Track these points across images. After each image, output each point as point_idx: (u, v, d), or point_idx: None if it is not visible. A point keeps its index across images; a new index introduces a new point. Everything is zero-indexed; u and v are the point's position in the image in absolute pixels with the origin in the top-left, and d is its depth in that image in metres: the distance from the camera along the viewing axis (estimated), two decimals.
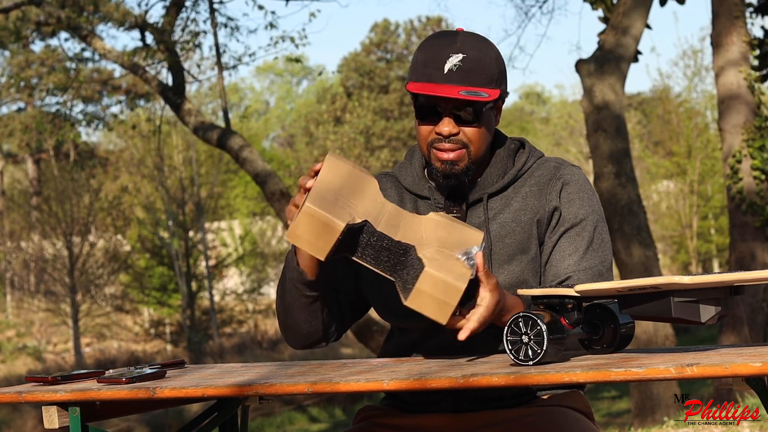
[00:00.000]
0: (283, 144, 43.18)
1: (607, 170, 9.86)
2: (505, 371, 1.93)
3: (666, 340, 9.74)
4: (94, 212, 26.04)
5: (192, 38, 12.73)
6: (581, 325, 2.12)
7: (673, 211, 26.86)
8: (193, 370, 2.47)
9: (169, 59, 12.14)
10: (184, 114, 12.17)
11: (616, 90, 10.02)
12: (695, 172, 25.36)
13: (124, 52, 12.90)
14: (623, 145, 10.01)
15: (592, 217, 2.41)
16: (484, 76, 2.35)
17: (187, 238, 26.61)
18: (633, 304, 2.03)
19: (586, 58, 10.13)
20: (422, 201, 2.48)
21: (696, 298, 1.97)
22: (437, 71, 2.34)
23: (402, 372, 2.06)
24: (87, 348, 27.24)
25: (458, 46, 2.35)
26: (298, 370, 2.26)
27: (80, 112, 18.79)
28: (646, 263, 9.73)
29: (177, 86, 12.26)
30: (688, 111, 27.41)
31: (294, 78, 49.94)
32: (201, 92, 29.56)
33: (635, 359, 1.96)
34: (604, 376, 1.86)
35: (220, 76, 12.73)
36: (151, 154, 26.11)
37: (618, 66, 10.04)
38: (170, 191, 26.39)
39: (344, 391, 2.02)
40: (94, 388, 2.18)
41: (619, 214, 9.75)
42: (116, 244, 27.37)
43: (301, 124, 38.01)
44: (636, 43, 10.21)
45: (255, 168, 11.48)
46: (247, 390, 2.08)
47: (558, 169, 2.44)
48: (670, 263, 28.36)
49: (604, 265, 2.39)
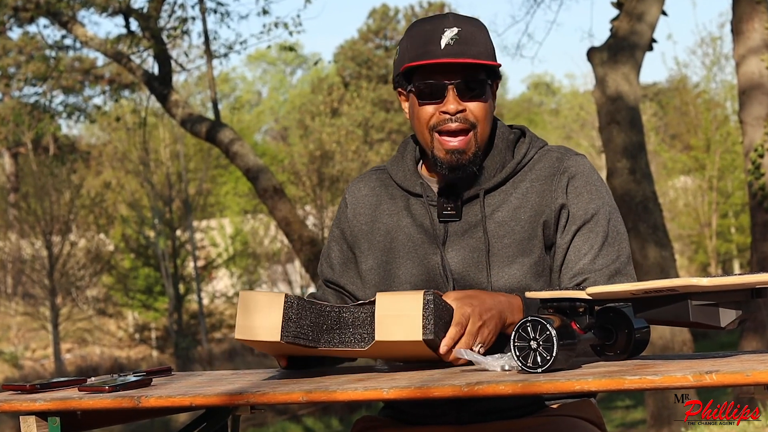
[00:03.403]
0: (276, 137, 43.18)
1: (621, 165, 9.86)
2: (512, 379, 1.93)
3: (683, 345, 9.74)
4: (76, 210, 26.04)
5: (179, 25, 12.73)
6: (593, 329, 2.12)
7: (691, 209, 26.86)
8: (180, 378, 2.46)
9: (155, 47, 12.14)
10: (171, 105, 12.18)
11: (631, 80, 10.02)
12: (714, 167, 25.35)
13: (107, 39, 12.89)
14: (638, 138, 10.01)
15: (604, 210, 2.41)
16: (481, 48, 2.36)
17: (175, 238, 26.62)
18: (648, 308, 2.03)
19: (598, 46, 10.13)
20: (414, 198, 2.48)
21: (715, 301, 1.97)
22: (434, 47, 2.36)
23: (403, 380, 2.06)
24: (67, 354, 27.24)
25: (451, 20, 2.38)
26: (293, 378, 2.26)
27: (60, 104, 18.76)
28: (662, 264, 9.73)
29: (163, 76, 12.26)
30: (706, 102, 27.39)
31: (288, 67, 49.93)
32: (189, 82, 29.56)
33: (651, 366, 1.95)
34: (618, 384, 1.86)
35: (210, 65, 12.73)
36: (136, 148, 26.12)
37: (632, 54, 10.04)
38: (156, 187, 26.39)
39: (341, 400, 2.02)
40: (75, 397, 2.18)
41: (634, 212, 9.75)
42: (99, 243, 27.38)
43: (296, 117, 37.99)
44: (651, 30, 10.21)
45: (246, 163, 11.48)
46: (238, 399, 2.08)
47: (561, 161, 2.43)
48: (688, 264, 28.36)
49: (621, 259, 2.39)
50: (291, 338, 2.17)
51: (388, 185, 2.54)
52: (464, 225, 2.42)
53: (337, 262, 2.58)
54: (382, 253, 2.49)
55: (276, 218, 11.71)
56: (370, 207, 2.54)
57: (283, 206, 11.44)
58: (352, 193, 2.59)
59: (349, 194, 2.59)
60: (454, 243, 2.41)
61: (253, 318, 2.19)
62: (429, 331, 2.13)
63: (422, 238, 2.44)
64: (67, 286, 26.09)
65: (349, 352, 2.22)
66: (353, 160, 27.66)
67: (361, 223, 2.54)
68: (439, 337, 2.16)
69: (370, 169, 2.63)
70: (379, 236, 2.50)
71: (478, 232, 2.40)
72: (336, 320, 2.22)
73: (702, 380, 1.80)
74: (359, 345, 2.20)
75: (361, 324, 2.20)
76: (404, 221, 2.47)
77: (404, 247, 2.45)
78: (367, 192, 2.56)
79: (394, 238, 2.47)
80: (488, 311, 2.22)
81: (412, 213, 2.47)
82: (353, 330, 2.21)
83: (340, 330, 2.21)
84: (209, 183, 28.77)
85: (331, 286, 2.59)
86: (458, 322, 2.18)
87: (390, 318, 2.14)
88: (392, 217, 2.50)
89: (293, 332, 2.18)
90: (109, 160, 28.60)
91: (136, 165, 26.65)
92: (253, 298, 2.21)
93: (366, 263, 2.51)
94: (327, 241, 2.63)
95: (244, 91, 46.14)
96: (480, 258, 2.38)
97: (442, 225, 2.43)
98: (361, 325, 2.20)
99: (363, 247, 2.52)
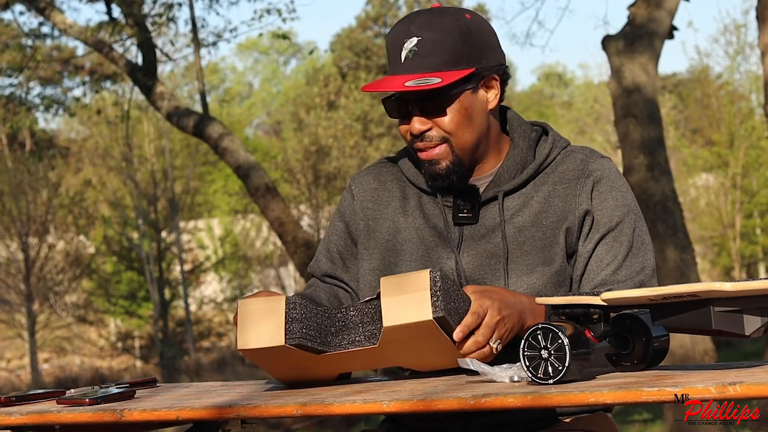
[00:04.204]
0: (268, 132, 43.20)
1: (638, 162, 9.86)
2: (521, 391, 1.93)
3: (705, 355, 9.74)
4: (54, 209, 26.04)
5: (165, 11, 12.73)
6: (608, 338, 2.11)
7: (713, 209, 26.87)
8: (166, 390, 2.47)
9: (138, 35, 12.14)
10: (156, 98, 12.18)
11: (648, 70, 10.02)
12: (738, 163, 25.36)
13: (88, 27, 12.89)
14: (656, 133, 10.01)
15: (629, 218, 2.41)
16: (443, 58, 2.33)
17: (160, 239, 26.63)
18: (667, 315, 2.03)
19: (614, 34, 10.14)
20: (427, 197, 2.48)
21: (739, 307, 1.97)
22: (396, 61, 2.36)
23: (404, 392, 2.06)
24: (45, 365, 27.24)
25: (413, 29, 2.35)
26: (286, 390, 2.26)
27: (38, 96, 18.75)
28: (682, 268, 9.73)
29: (148, 66, 12.26)
30: (729, 94, 27.40)
31: (281, 57, 49.95)
32: (175, 73, 29.57)
33: (670, 377, 1.96)
34: (635, 396, 1.86)
35: (197, 55, 12.73)
36: (119, 144, 26.13)
37: (650, 43, 10.05)
38: (140, 186, 26.41)
39: (338, 414, 2.02)
40: (54, 410, 2.18)
41: (652, 212, 9.76)
42: (78, 245, 27.38)
43: (289, 110, 37.99)
44: (671, 16, 10.21)
45: (236, 159, 11.48)
46: (228, 412, 2.08)
47: (586, 163, 2.42)
48: (710, 268, 28.37)
49: (646, 272, 2.39)
50: (297, 340, 2.16)
51: (399, 180, 2.53)
52: (481, 229, 2.41)
53: (339, 256, 2.56)
54: (387, 253, 2.48)
55: (268, 219, 11.71)
56: (378, 201, 2.53)
57: (276, 206, 11.45)
58: (359, 184, 2.57)
59: (356, 185, 2.57)
60: (470, 248, 2.40)
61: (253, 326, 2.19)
62: (439, 308, 2.11)
63: (435, 241, 2.43)
64: (44, 291, 26.09)
65: (359, 354, 2.19)
66: (351, 156, 27.65)
67: (367, 217, 2.52)
68: (452, 319, 2.14)
69: (379, 160, 2.61)
70: (386, 235, 2.49)
71: (495, 237, 2.39)
72: (343, 321, 2.21)
73: (725, 392, 1.80)
74: (370, 342, 2.18)
75: (370, 320, 2.19)
76: (416, 221, 2.46)
77: (415, 250, 2.44)
78: (377, 185, 2.55)
79: (403, 239, 2.46)
80: (508, 308, 2.21)
81: (425, 213, 2.46)
82: (362, 328, 2.20)
83: (348, 331, 2.21)
84: (197, 181, 28.78)
85: (330, 281, 2.57)
86: (475, 311, 2.17)
87: (396, 300, 2.12)
88: (403, 216, 2.49)
89: (299, 334, 2.17)
90: (89, 157, 28.60)
91: (118, 161, 26.66)
92: (251, 305, 2.21)
93: (368, 263, 2.49)
94: (326, 236, 2.61)
95: (234, 82, 46.18)
96: (497, 265, 2.37)
97: (456, 228, 2.43)
98: (370, 321, 2.19)
99: (366, 244, 2.51)
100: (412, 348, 2.20)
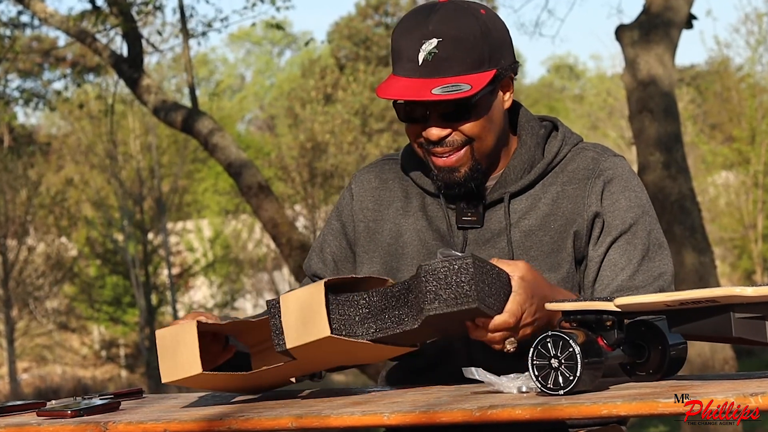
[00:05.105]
0: (261, 127, 43.20)
1: (654, 159, 9.86)
2: (530, 402, 1.93)
3: (725, 364, 9.74)
4: (34, 210, 26.04)
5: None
6: (622, 346, 2.12)
7: (733, 209, 26.86)
8: (152, 401, 2.47)
9: (123, 25, 12.13)
10: (141, 91, 12.17)
11: (665, 62, 10.02)
12: (760, 161, 25.36)
13: (70, 16, 12.89)
14: (673, 128, 10.01)
15: (643, 220, 2.39)
16: (467, 61, 2.30)
17: (146, 241, 26.62)
18: (685, 321, 2.03)
19: (628, 24, 10.14)
20: (431, 198, 2.47)
21: (761, 313, 1.97)
22: (411, 63, 2.31)
23: (406, 403, 2.06)
24: (24, 374, 27.24)
25: (432, 28, 2.32)
26: (280, 401, 2.26)
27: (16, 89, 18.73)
28: (700, 271, 9.73)
29: (133, 57, 12.25)
30: (751, 87, 27.40)
31: (275, 48, 49.95)
32: (162, 65, 29.58)
33: (688, 387, 1.96)
34: (650, 408, 1.86)
35: (186, 45, 12.72)
36: (102, 140, 26.11)
37: (667, 33, 10.05)
38: (125, 184, 26.40)
39: (336, 427, 2.02)
40: (33, 423, 2.18)
41: (669, 212, 9.76)
42: (60, 248, 27.38)
43: (284, 104, 38.00)
44: (689, 5, 10.22)
45: (228, 156, 11.47)
46: (219, 425, 2.08)
47: (597, 162, 2.41)
48: (730, 271, 28.37)
49: (665, 277, 2.37)
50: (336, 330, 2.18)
51: (402, 179, 2.52)
52: (486, 233, 2.41)
53: (332, 258, 2.56)
54: (387, 256, 2.48)
55: (261, 219, 11.70)
56: (379, 202, 2.53)
57: (270, 206, 11.44)
58: (359, 182, 2.56)
59: (355, 184, 2.57)
60: (474, 253, 2.40)
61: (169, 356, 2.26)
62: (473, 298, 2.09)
63: (438, 245, 2.43)
64: (24, 296, 26.08)
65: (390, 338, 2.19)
66: (349, 153, 27.63)
67: (367, 218, 2.52)
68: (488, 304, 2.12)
69: (381, 158, 2.61)
70: (387, 237, 2.49)
71: (501, 242, 2.39)
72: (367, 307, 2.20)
73: (746, 403, 1.80)
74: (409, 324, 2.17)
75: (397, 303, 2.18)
76: (418, 223, 2.46)
77: (417, 253, 2.44)
78: (378, 184, 2.55)
79: (404, 242, 2.47)
80: (542, 311, 2.20)
81: (428, 215, 2.46)
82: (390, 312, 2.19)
83: (374, 317, 2.20)
84: (185, 179, 28.77)
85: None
86: (514, 312, 2.15)
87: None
88: (404, 217, 2.48)
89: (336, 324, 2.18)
90: (71, 154, 28.59)
91: (102, 159, 26.64)
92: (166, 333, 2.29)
93: (367, 266, 2.49)
94: (322, 234, 2.61)
95: (225, 74, 46.18)
96: None
97: (460, 232, 2.42)
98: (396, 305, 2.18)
99: (366, 247, 2.51)
100: (329, 358, 2.26)
